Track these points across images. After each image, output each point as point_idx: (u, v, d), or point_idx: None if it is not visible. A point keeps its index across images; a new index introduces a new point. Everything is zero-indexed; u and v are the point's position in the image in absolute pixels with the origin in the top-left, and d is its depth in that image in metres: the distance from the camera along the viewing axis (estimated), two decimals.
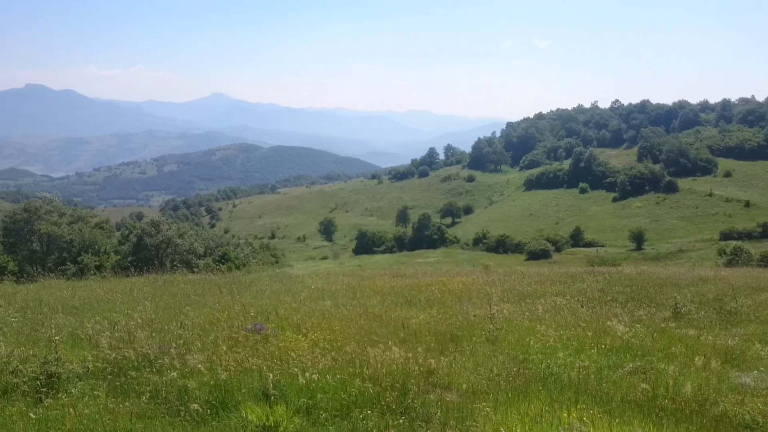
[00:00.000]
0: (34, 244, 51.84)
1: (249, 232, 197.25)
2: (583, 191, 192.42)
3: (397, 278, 23.65)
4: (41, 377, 7.79)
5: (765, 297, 17.39)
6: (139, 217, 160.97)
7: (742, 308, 15.40)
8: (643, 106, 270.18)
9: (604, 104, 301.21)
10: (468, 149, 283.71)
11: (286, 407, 7.32)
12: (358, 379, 8.05)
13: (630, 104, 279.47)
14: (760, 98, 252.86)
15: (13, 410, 7.11)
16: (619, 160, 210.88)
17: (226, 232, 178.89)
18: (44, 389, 7.62)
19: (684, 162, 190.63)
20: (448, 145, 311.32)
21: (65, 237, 51.59)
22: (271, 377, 7.87)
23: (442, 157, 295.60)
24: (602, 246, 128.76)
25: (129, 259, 48.39)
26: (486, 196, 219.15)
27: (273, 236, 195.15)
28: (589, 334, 12.11)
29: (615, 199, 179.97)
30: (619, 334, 12.02)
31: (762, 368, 10.20)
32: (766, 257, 42.81)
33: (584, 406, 7.61)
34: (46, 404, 7.22)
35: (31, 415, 7.00)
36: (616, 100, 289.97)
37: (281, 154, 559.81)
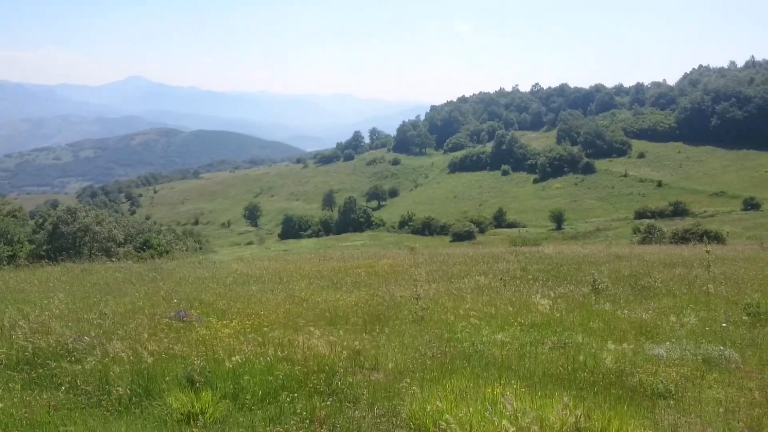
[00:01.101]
0: None
1: (171, 218, 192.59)
2: (505, 173, 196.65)
3: (323, 262, 23.62)
4: None
5: (677, 272, 18.21)
6: (55, 204, 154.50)
7: (656, 283, 16.08)
8: (562, 90, 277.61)
9: (525, 87, 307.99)
10: (393, 133, 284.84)
11: (212, 393, 7.21)
12: (285, 363, 8.01)
13: (549, 88, 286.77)
14: (671, 82, 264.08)
15: None
16: (540, 142, 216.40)
17: (147, 218, 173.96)
18: None
19: (601, 144, 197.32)
20: (373, 128, 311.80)
21: None
22: (195, 363, 7.73)
23: (367, 140, 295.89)
24: (524, 226, 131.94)
25: (44, 248, 46.46)
26: (411, 179, 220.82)
27: (197, 222, 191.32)
28: (512, 311, 12.42)
29: (536, 181, 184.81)
30: (541, 309, 12.40)
31: (674, 339, 10.69)
32: (677, 234, 44.67)
33: (507, 381, 7.81)
34: None
35: None
36: (536, 84, 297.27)
37: (203, 139, 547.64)
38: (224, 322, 10.63)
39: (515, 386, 7.49)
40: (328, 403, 7.14)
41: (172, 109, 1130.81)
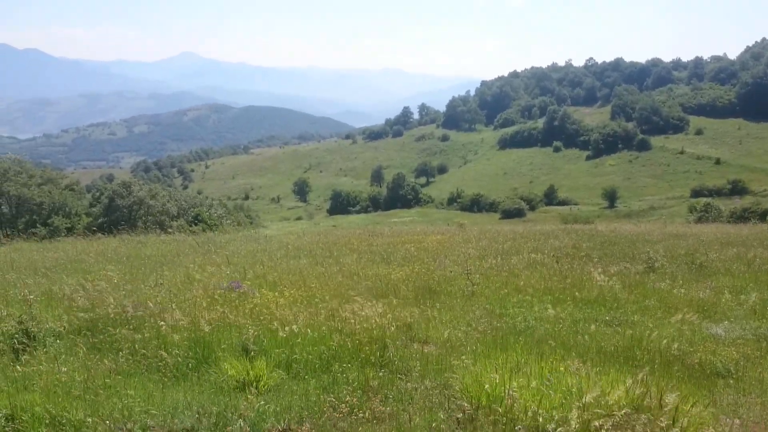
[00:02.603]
0: (2, 207, 51.01)
1: (222, 193, 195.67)
2: (557, 150, 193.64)
3: (372, 237, 23.66)
4: (17, 335, 7.69)
5: (734, 251, 17.70)
6: (110, 178, 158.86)
7: (713, 262, 15.67)
8: (617, 64, 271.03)
9: (578, 62, 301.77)
10: (442, 108, 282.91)
11: (266, 362, 7.32)
12: (337, 334, 8.07)
13: (604, 62, 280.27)
14: (732, 56, 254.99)
15: None
16: (593, 118, 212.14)
17: (199, 193, 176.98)
18: (21, 347, 7.53)
19: (657, 120, 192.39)
20: (423, 104, 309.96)
21: (35, 199, 50.77)
22: (250, 332, 7.85)
23: (416, 116, 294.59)
24: (576, 204, 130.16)
25: (101, 220, 47.80)
26: (460, 155, 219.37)
27: (247, 197, 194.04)
28: (565, 287, 12.26)
29: (588, 158, 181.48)
30: (595, 286, 12.21)
31: (732, 319, 10.42)
32: (735, 213, 43.56)
33: (561, 357, 7.72)
34: (24, 361, 7.13)
35: (18, 368, 6.93)
36: (590, 58, 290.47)
37: (253, 114, 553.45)
38: (276, 293, 10.76)
39: (569, 362, 7.39)
40: (380, 374, 7.17)
41: (222, 85, 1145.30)
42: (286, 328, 8.13)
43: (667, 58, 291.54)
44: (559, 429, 5.52)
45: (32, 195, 50.71)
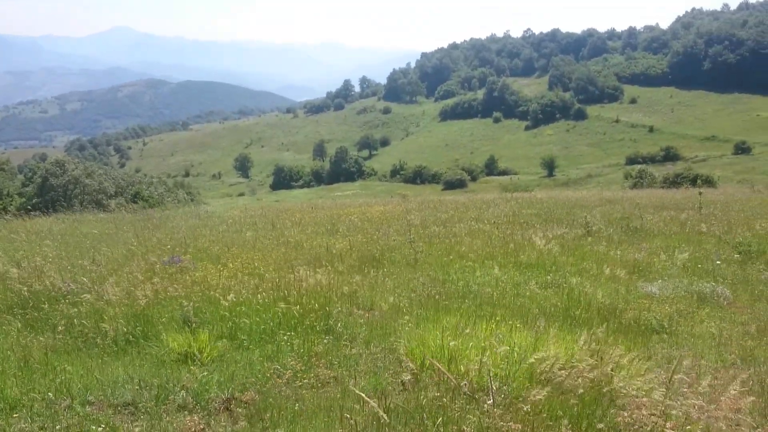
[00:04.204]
0: None
1: (162, 170, 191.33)
2: (496, 120, 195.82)
3: (316, 210, 23.57)
4: None
5: (668, 214, 18.31)
6: (43, 158, 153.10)
7: (647, 225, 16.17)
8: (554, 35, 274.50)
9: (516, 33, 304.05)
10: (383, 81, 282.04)
11: (209, 333, 7.23)
12: (281, 303, 8.02)
13: (541, 33, 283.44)
14: (664, 26, 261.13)
15: None
16: (531, 89, 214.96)
17: (137, 171, 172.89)
18: None
19: (592, 90, 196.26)
20: (364, 77, 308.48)
21: None
22: (191, 305, 7.73)
23: (357, 89, 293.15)
24: (516, 174, 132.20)
25: (34, 201, 46.20)
26: (402, 127, 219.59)
27: (187, 174, 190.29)
28: (506, 252, 12.47)
29: (527, 128, 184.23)
30: (535, 250, 12.47)
31: (666, 277, 10.79)
32: (668, 179, 44.80)
33: (503, 318, 7.86)
34: None
35: None
36: (528, 29, 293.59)
37: (191, 90, 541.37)
38: (219, 266, 10.63)
39: (510, 323, 7.54)
40: (325, 340, 7.18)
41: (158, 60, 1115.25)
42: (229, 298, 8.04)
43: (602, 28, 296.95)
44: (502, 386, 5.64)
45: None
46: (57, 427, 5.01)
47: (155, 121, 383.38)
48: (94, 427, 5.05)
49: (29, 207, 33.08)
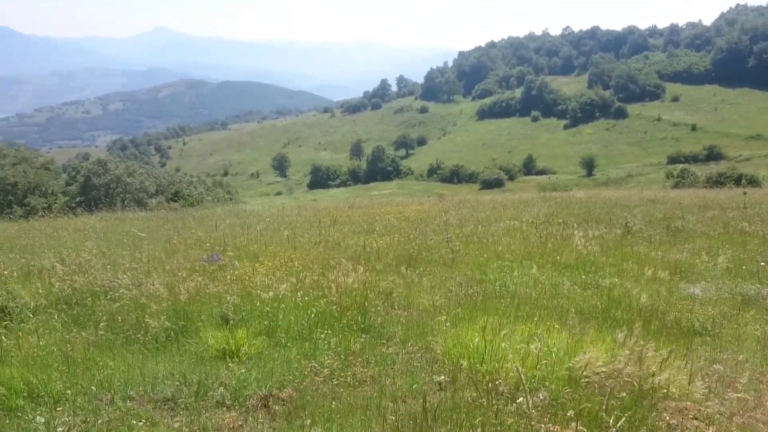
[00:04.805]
0: None
1: (201, 169, 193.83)
2: (535, 119, 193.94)
3: (353, 209, 23.64)
4: None
5: (711, 214, 17.92)
6: (86, 157, 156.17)
7: (690, 225, 15.86)
8: (594, 33, 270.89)
9: (555, 31, 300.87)
10: (420, 80, 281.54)
11: (247, 330, 7.31)
12: (319, 301, 8.07)
13: (581, 31, 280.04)
14: (707, 22, 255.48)
15: None
16: (570, 87, 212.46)
17: (177, 170, 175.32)
18: None
19: (633, 88, 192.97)
20: (401, 76, 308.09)
21: (9, 179, 50.00)
22: (230, 302, 7.82)
23: (394, 88, 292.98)
24: (554, 173, 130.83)
25: (78, 199, 47.21)
26: (439, 126, 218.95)
27: (226, 173, 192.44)
28: (544, 252, 12.34)
29: (566, 127, 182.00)
30: (574, 250, 12.31)
31: (709, 279, 10.56)
32: (711, 178, 43.91)
33: (541, 319, 7.78)
34: (1, 336, 7.05)
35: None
36: (567, 27, 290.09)
37: (230, 90, 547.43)
38: (257, 264, 10.72)
39: (548, 323, 7.46)
40: (362, 339, 7.19)
41: (197, 60, 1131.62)
42: (267, 296, 8.12)
43: (642, 25, 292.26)
44: (541, 387, 5.58)
45: (6, 175, 49.94)
46: (99, 422, 5.11)
47: (195, 120, 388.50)
48: (135, 422, 5.14)
49: (73, 205, 33.84)
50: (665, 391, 5.50)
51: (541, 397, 5.32)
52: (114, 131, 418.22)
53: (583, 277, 10.48)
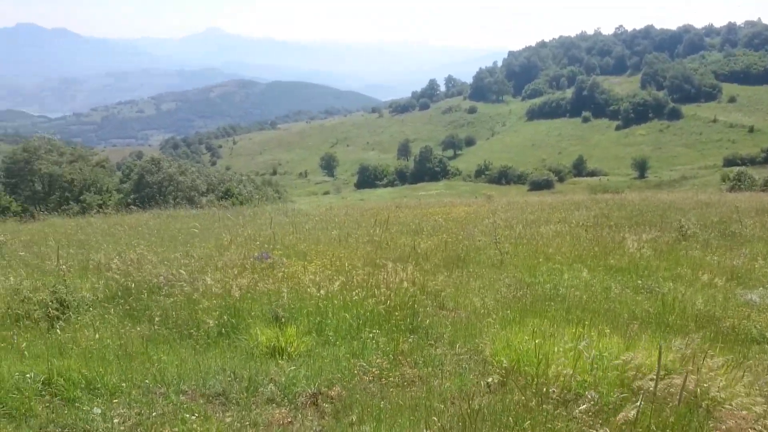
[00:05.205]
0: (35, 185, 51.86)
1: (250, 168, 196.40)
2: (586, 120, 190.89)
3: (400, 209, 23.66)
4: (52, 304, 7.84)
5: None
6: (139, 156, 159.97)
7: (747, 229, 15.39)
8: (647, 32, 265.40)
9: (608, 30, 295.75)
10: (469, 80, 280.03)
11: (297, 328, 7.39)
12: (367, 301, 8.11)
13: (634, 30, 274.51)
14: (767, 21, 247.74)
15: (27, 336, 7.18)
16: (623, 87, 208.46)
17: (227, 169, 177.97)
18: (56, 315, 7.68)
19: (688, 88, 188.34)
20: (449, 76, 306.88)
21: (66, 176, 51.49)
22: (280, 300, 7.92)
23: (442, 88, 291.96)
24: (605, 175, 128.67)
25: (131, 197, 48.36)
26: (488, 127, 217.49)
27: (275, 172, 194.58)
28: (595, 255, 12.15)
29: (618, 128, 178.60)
30: (626, 254, 12.09)
31: (767, 285, 10.24)
32: None
33: (592, 323, 7.67)
34: (59, 329, 7.28)
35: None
36: (620, 26, 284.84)
37: (279, 90, 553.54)
38: (306, 262, 10.82)
39: (600, 328, 7.34)
40: (411, 340, 7.20)
41: (247, 61, 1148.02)
42: (316, 295, 8.19)
43: (699, 24, 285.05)
44: (591, 392, 5.49)
45: (63, 172, 51.43)
46: (153, 414, 5.23)
47: (245, 120, 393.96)
48: (187, 416, 5.25)
49: (127, 202, 34.68)
50: (721, 400, 5.36)
51: (592, 402, 5.24)
52: (166, 130, 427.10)
53: (636, 281, 10.28)
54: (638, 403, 4.88)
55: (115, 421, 5.05)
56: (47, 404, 5.53)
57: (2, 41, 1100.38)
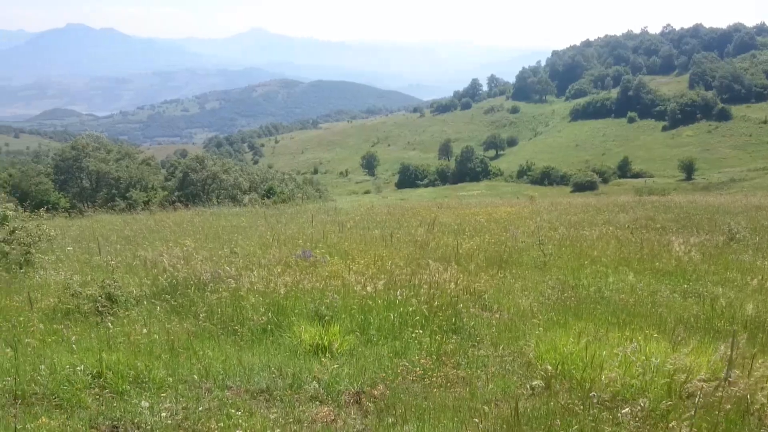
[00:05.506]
0: (83, 181, 53.25)
1: (292, 167, 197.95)
2: (631, 120, 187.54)
3: (441, 209, 23.59)
4: (101, 299, 8.01)
5: None
6: (184, 154, 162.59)
7: None
8: (696, 31, 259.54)
9: (655, 29, 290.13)
10: (512, 80, 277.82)
11: (340, 327, 7.42)
12: (410, 301, 8.11)
13: (682, 29, 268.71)
14: None
15: (77, 329, 7.35)
16: (670, 87, 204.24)
17: (269, 167, 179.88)
18: (105, 310, 7.85)
19: (738, 88, 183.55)
20: (492, 75, 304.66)
21: (113, 174, 52.71)
22: (324, 298, 7.96)
23: (485, 88, 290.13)
24: (651, 176, 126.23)
25: (176, 194, 49.18)
26: (530, 127, 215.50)
27: (316, 171, 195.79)
28: (641, 258, 11.94)
29: (665, 128, 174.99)
30: (673, 257, 11.85)
31: None
32: None
33: (638, 327, 7.54)
34: (108, 323, 7.44)
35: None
36: (668, 25, 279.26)
37: (321, 89, 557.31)
38: (348, 261, 10.87)
39: (647, 332, 7.21)
40: (453, 340, 7.17)
41: (291, 60, 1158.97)
42: (360, 294, 8.22)
43: (750, 22, 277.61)
44: (638, 397, 5.40)
45: (110, 170, 52.67)
46: (200, 409, 5.30)
47: (287, 119, 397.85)
48: (233, 411, 5.31)
49: (172, 200, 35.26)
50: None
51: (639, 407, 5.15)
52: (210, 129, 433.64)
53: (683, 285, 10.07)
54: (692, 411, 4.78)
55: (163, 414, 5.14)
56: (97, 396, 5.66)
57: (53, 42, 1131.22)
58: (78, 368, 5.97)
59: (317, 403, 5.65)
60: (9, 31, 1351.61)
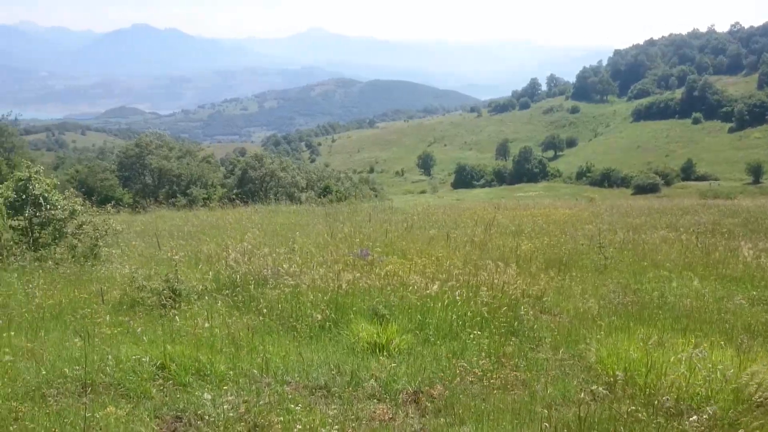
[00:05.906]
0: (146, 178, 54.76)
1: (348, 166, 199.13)
2: (696, 122, 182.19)
3: (499, 210, 23.36)
4: (165, 292, 8.23)
5: None
6: (243, 152, 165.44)
7: None
8: (766, 29, 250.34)
9: (722, 28, 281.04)
10: (572, 79, 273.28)
11: (397, 326, 7.44)
12: (473, 300, 8.08)
13: (751, 27, 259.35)
14: None
15: (141, 321, 7.56)
16: (737, 87, 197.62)
17: (326, 166, 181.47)
18: (168, 303, 8.06)
19: None
20: (551, 75, 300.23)
21: (174, 171, 54.00)
22: (382, 297, 8.00)
23: (544, 88, 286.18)
24: (716, 179, 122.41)
25: (235, 191, 50.05)
26: (591, 128, 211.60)
27: (372, 170, 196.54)
28: (706, 263, 11.60)
29: (731, 130, 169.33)
30: (742, 260, 11.48)
31: None
32: None
33: (704, 333, 7.33)
34: (171, 316, 7.63)
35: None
36: (736, 23, 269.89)
37: (379, 89, 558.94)
38: (406, 260, 10.88)
39: (712, 339, 7.00)
40: (512, 342, 7.11)
41: (348, 59, 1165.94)
42: (418, 294, 8.22)
43: None
44: (705, 405, 5.24)
45: (172, 167, 53.99)
46: (261, 403, 5.38)
47: (344, 118, 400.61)
48: (292, 406, 5.38)
49: (231, 197, 35.92)
50: None
51: (706, 416, 5.00)
52: (268, 128, 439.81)
53: (752, 292, 9.74)
54: (762, 421, 4.62)
55: (225, 407, 5.23)
56: (161, 387, 5.81)
57: (119, 42, 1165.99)
58: (143, 359, 6.15)
59: (375, 401, 5.67)
60: (77, 32, 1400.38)
